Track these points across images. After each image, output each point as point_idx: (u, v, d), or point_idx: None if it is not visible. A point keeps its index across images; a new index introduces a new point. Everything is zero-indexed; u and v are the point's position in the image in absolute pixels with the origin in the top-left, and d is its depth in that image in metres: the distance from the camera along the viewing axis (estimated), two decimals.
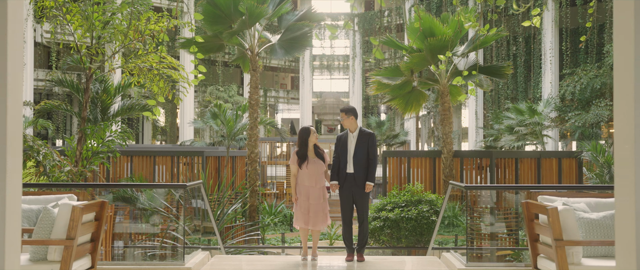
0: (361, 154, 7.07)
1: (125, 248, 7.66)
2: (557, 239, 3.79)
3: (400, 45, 12.58)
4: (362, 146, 7.09)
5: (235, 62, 15.06)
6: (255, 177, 13.67)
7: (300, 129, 7.38)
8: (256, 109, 13.58)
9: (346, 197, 7.09)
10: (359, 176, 7.02)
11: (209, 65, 34.38)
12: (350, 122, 7.18)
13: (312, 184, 7.10)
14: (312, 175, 7.08)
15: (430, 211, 9.51)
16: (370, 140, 7.15)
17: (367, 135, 7.18)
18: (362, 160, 7.06)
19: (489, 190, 7.62)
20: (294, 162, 7.18)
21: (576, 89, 25.40)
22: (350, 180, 7.03)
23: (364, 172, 7.05)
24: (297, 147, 7.25)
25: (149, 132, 34.72)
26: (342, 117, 7.23)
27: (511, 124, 19.51)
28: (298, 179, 7.17)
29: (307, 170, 7.09)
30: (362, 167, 7.04)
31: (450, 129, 12.29)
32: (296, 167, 7.15)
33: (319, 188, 7.11)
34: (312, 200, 7.06)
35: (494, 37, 11.72)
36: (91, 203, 4.10)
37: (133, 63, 10.11)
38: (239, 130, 15.71)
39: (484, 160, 12.04)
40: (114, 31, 9.56)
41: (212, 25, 13.20)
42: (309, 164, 7.10)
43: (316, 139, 7.26)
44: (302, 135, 7.21)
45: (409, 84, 12.49)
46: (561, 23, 28.72)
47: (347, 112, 7.24)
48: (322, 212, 7.10)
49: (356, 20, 37.73)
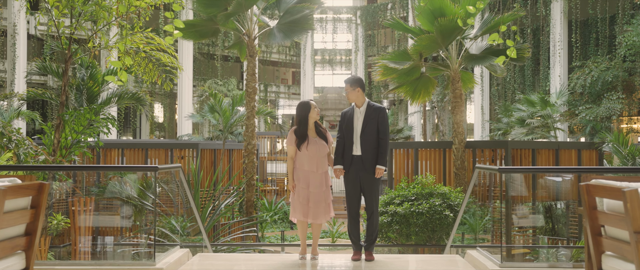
0: (370, 133, 6.15)
1: (93, 245, 6.78)
2: (638, 232, 2.90)
3: (407, 28, 11.70)
4: (370, 123, 6.17)
5: (232, 49, 14.18)
6: (252, 170, 12.81)
7: (299, 103, 6.47)
8: (253, 98, 12.71)
9: (353, 184, 6.15)
10: (367, 159, 6.08)
11: (208, 59, 33.54)
12: (356, 95, 6.29)
13: (313, 169, 6.16)
14: (313, 157, 6.15)
15: (443, 205, 8.64)
16: (381, 115, 6.22)
17: (376, 110, 6.24)
18: (371, 140, 6.14)
19: (524, 174, 6.67)
20: (292, 143, 6.23)
21: (587, 82, 24.54)
22: (358, 164, 6.11)
23: (374, 153, 6.12)
24: (295, 124, 6.36)
25: (147, 128, 33.89)
26: (347, 90, 6.33)
27: (522, 116, 18.61)
28: (296, 162, 6.22)
29: (307, 152, 6.16)
30: (372, 147, 6.12)
31: (461, 117, 11.41)
32: (294, 148, 6.21)
33: (321, 173, 6.18)
34: (312, 188, 6.12)
35: (509, 18, 10.84)
36: (21, 185, 3.20)
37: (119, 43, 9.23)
38: (236, 122, 14.85)
39: (498, 151, 11.16)
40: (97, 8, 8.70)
41: (206, 8, 12.31)
42: (309, 144, 6.17)
43: (317, 116, 6.36)
44: (301, 110, 6.28)
45: (417, 69, 11.61)
46: (570, 14, 27.82)
47: (352, 83, 6.32)
48: (324, 202, 6.16)
49: (359, 14, 36.85)
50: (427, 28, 10.98)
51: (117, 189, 9.08)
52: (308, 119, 6.30)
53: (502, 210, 5.97)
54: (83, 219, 7.73)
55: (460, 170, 11.14)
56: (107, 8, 8.82)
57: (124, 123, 31.75)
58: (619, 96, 23.40)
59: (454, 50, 11.43)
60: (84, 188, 10.66)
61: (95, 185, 11.04)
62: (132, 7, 9.03)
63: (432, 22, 10.74)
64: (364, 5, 37.64)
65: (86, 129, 8.96)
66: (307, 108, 6.31)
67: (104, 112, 9.32)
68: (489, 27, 11.13)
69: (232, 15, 12.20)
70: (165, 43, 9.97)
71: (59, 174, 8.97)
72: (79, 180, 10.88)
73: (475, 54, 11.27)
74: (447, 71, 11.59)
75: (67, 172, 9.20)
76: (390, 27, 11.67)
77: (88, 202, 8.52)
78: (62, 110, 8.95)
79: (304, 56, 36.66)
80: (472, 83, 12.05)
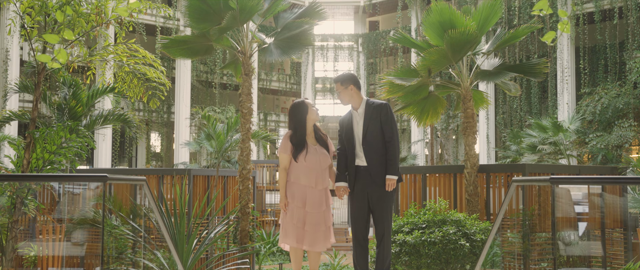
0: (374, 137, 5.19)
1: None
2: None
3: (414, 42, 10.86)
4: (373, 124, 5.21)
5: (227, 68, 13.33)
6: (247, 197, 11.87)
7: (292, 104, 5.45)
8: (249, 119, 11.83)
9: (359, 202, 5.14)
10: (375, 169, 5.11)
11: (206, 86, 32.82)
12: (350, 95, 5.35)
13: (311, 184, 5.17)
14: (312, 170, 5.18)
15: (458, 233, 7.68)
16: (383, 113, 5.25)
17: (378, 108, 5.26)
18: (376, 146, 5.17)
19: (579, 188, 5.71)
20: (286, 150, 5.24)
21: (597, 109, 23.75)
22: (364, 177, 5.14)
23: (382, 161, 5.14)
24: (290, 129, 5.40)
25: (143, 157, 33.01)
26: (338, 91, 5.40)
27: (534, 142, 17.70)
28: (290, 174, 5.23)
29: (305, 163, 5.20)
30: (378, 155, 5.16)
31: (474, 139, 10.51)
32: (288, 157, 5.24)
33: (321, 190, 5.20)
34: (309, 208, 5.11)
35: (525, 32, 10.02)
36: None
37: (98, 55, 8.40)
38: (231, 146, 13.95)
39: (515, 175, 10.22)
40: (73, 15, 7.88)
41: (198, 23, 11.49)
42: (308, 154, 5.22)
43: (317, 117, 5.39)
44: (297, 112, 5.32)
45: (424, 88, 10.74)
46: (578, 40, 27.13)
47: (343, 80, 5.38)
48: (324, 225, 5.12)
49: (360, 41, 36.23)
50: (435, 42, 10.15)
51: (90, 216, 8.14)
52: (306, 122, 5.35)
53: (554, 238, 4.94)
54: (51, 249, 6.82)
55: (473, 197, 10.20)
56: (85, 16, 8.00)
57: (120, 152, 30.88)
58: (630, 124, 22.57)
59: (465, 66, 10.59)
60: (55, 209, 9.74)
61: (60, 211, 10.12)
62: (113, 15, 8.22)
63: (441, 35, 9.91)
64: (366, 32, 37.02)
65: (60, 148, 8.07)
66: (303, 109, 5.33)
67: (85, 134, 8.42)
68: (502, 42, 10.29)
69: (226, 31, 11.38)
70: (150, 56, 9.15)
71: (28, 198, 8.04)
72: (49, 203, 9.97)
73: (488, 70, 10.41)
74: (457, 89, 10.73)
75: (37, 195, 8.32)
76: (396, 42, 10.84)
77: (58, 229, 7.62)
78: (32, 127, 8.09)
79: (304, 84, 35.93)
80: (484, 102, 11.17)
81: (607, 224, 8.02)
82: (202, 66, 31.51)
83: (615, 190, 7.75)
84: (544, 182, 4.44)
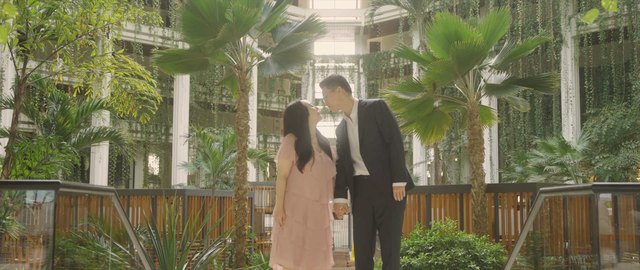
0: (372, 141, 4.53)
1: None
2: None
3: (418, 55, 10.39)
4: (369, 127, 4.56)
5: (224, 84, 12.85)
6: (243, 218, 11.32)
7: (289, 108, 4.81)
8: (245, 137, 11.32)
9: (363, 218, 4.49)
10: (379, 178, 4.46)
11: (205, 108, 32.37)
12: (338, 98, 4.73)
13: (315, 197, 4.53)
14: (317, 182, 4.54)
15: (468, 256, 7.14)
16: (378, 111, 4.58)
17: (371, 107, 4.63)
18: (376, 151, 4.52)
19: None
20: (290, 156, 4.60)
21: (603, 130, 23.26)
22: (367, 188, 4.50)
23: (386, 168, 4.48)
24: (293, 135, 4.72)
25: (141, 179, 32.46)
26: (326, 95, 4.79)
27: (541, 162, 17.15)
28: (291, 185, 4.58)
29: (311, 173, 4.55)
30: (381, 160, 4.50)
31: (481, 157, 9.98)
32: (290, 164, 4.60)
33: (324, 205, 4.60)
34: (311, 224, 4.49)
35: (534, 44, 9.55)
36: None
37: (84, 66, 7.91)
38: (227, 166, 13.43)
39: (525, 195, 9.69)
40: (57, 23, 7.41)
41: (193, 36, 11.02)
42: (314, 162, 4.58)
43: (319, 117, 4.82)
44: (296, 116, 4.69)
45: (429, 103, 10.25)
46: (582, 61, 26.73)
47: (329, 83, 4.77)
48: (325, 245, 4.51)
49: (361, 62, 35.85)
50: (440, 56, 9.66)
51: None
52: (309, 126, 4.74)
53: (598, 261, 4.36)
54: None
55: (481, 218, 9.65)
56: (70, 23, 7.53)
57: (116, 175, 30.35)
58: (637, 145, 22.04)
59: (471, 81, 10.11)
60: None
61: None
62: (100, 23, 7.76)
63: (446, 48, 9.43)
64: (367, 53, 36.67)
65: (42, 165, 7.55)
66: (302, 112, 4.75)
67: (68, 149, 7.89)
68: (510, 54, 9.82)
69: (222, 44, 10.92)
70: (155, 92, 8.68)
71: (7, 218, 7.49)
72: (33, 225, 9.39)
73: (496, 84, 9.92)
74: (463, 104, 10.23)
75: (20, 217, 7.76)
76: (399, 56, 10.38)
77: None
78: (11, 142, 7.58)
79: None
80: (491, 119, 10.66)
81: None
82: (200, 87, 31.10)
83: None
84: (583, 192, 3.85)
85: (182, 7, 10.87)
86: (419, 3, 19.87)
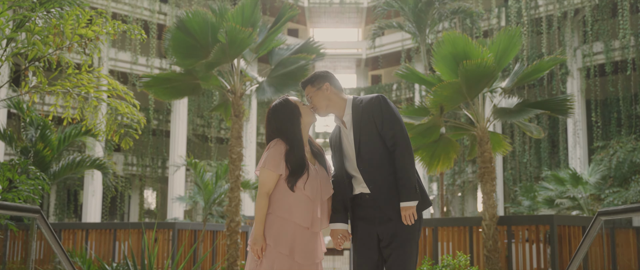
0: (372, 147, 3.57)
1: None
2: None
3: (423, 77, 9.72)
4: (367, 131, 3.59)
5: (217, 111, 12.20)
6: (236, 253, 10.53)
7: (274, 107, 3.77)
8: (239, 166, 10.61)
9: (365, 247, 3.50)
10: (383, 195, 3.48)
11: (202, 141, 31.67)
12: (327, 98, 3.72)
13: (306, 223, 3.54)
14: (311, 203, 3.55)
15: None
16: (376, 109, 3.60)
17: (367, 106, 3.64)
18: (378, 160, 3.56)
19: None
20: (278, 168, 3.58)
21: (612, 164, 22.50)
22: (368, 210, 3.53)
23: (391, 182, 3.52)
24: (283, 141, 3.68)
25: (136, 213, 31.60)
26: (310, 96, 3.76)
27: (551, 195, 16.35)
28: (277, 206, 3.56)
29: (304, 192, 3.56)
30: (383, 173, 3.53)
31: (492, 187, 9.22)
32: (276, 178, 3.59)
33: (315, 234, 3.61)
34: (300, 258, 3.49)
35: (550, 64, 8.86)
36: None
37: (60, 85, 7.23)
38: (220, 197, 12.66)
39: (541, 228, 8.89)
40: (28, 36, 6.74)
41: (184, 59, 10.40)
42: (309, 178, 3.58)
43: (314, 120, 3.76)
44: (285, 117, 3.66)
45: (436, 129, 9.53)
46: (589, 93, 26.11)
47: (313, 81, 3.76)
48: None
49: (362, 95, 35.22)
50: (447, 78, 8.97)
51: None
52: (300, 128, 3.71)
53: None
54: None
55: (493, 253, 8.84)
56: (43, 37, 6.86)
57: (111, 209, 29.52)
58: None
59: (481, 105, 9.41)
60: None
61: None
62: (76, 37, 7.08)
63: (454, 70, 8.75)
64: (368, 86, 36.13)
65: (7, 192, 6.80)
66: (292, 111, 3.70)
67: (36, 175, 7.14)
68: (524, 75, 9.13)
69: (214, 66, 10.26)
70: (141, 118, 7.97)
71: None
72: None
73: (508, 108, 9.21)
74: (472, 130, 9.50)
75: None
76: (402, 78, 9.70)
77: None
78: None
79: None
80: (503, 146, 9.92)
81: None
82: (198, 119, 30.45)
83: None
84: None
85: (172, 27, 10.26)
86: (423, 27, 19.29)
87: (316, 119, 3.82)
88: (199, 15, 9.95)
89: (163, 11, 27.60)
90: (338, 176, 3.76)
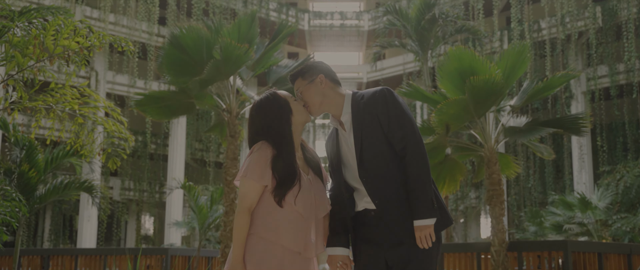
0: (377, 153, 2.91)
1: None
2: None
3: (427, 95, 9.26)
4: (369, 132, 2.93)
5: (212, 132, 11.76)
6: None
7: (260, 100, 3.07)
8: (234, 189, 10.10)
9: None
10: (391, 212, 2.84)
11: (201, 165, 31.17)
12: (321, 93, 3.05)
13: (298, 248, 2.87)
14: (304, 221, 2.88)
15: None
16: (380, 106, 2.93)
17: (370, 101, 2.97)
18: (383, 168, 2.90)
19: None
20: (263, 178, 2.88)
21: (619, 189, 21.98)
22: (374, 230, 2.86)
23: (400, 195, 2.86)
24: (269, 145, 2.98)
25: (133, 239, 30.98)
26: (300, 90, 3.09)
27: (559, 220, 15.80)
28: (260, 223, 2.87)
29: (295, 208, 2.88)
30: (391, 184, 2.87)
31: (501, 210, 8.72)
32: (259, 188, 2.89)
33: (308, 260, 2.93)
34: None
35: (561, 81, 8.41)
36: None
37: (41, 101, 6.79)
38: (215, 221, 12.17)
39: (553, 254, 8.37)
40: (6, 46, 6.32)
41: (177, 76, 9.97)
42: (301, 190, 2.90)
43: (308, 119, 3.08)
44: (273, 112, 2.98)
45: (441, 149, 9.04)
46: (594, 117, 25.64)
47: (304, 72, 3.09)
48: None
49: None
50: (453, 95, 8.50)
51: None
52: (291, 130, 3.01)
53: None
54: None
55: None
56: (22, 48, 6.42)
57: (107, 234, 28.91)
58: None
59: (488, 124, 8.94)
60: None
61: None
62: (59, 49, 6.65)
63: (460, 87, 8.30)
64: None
65: None
66: (282, 108, 3.01)
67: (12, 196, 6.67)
68: (534, 92, 8.68)
69: (208, 84, 9.82)
70: (129, 136, 7.50)
71: None
72: None
73: (518, 127, 8.74)
74: (480, 151, 9.02)
75: None
76: (406, 97, 9.25)
77: None
78: None
79: None
80: (512, 168, 9.41)
81: None
82: (197, 143, 29.97)
83: None
84: None
85: (166, 43, 9.85)
86: (426, 47, 18.89)
87: (310, 119, 3.18)
88: (193, 31, 9.54)
89: (161, 34, 27.27)
90: (337, 189, 3.12)
